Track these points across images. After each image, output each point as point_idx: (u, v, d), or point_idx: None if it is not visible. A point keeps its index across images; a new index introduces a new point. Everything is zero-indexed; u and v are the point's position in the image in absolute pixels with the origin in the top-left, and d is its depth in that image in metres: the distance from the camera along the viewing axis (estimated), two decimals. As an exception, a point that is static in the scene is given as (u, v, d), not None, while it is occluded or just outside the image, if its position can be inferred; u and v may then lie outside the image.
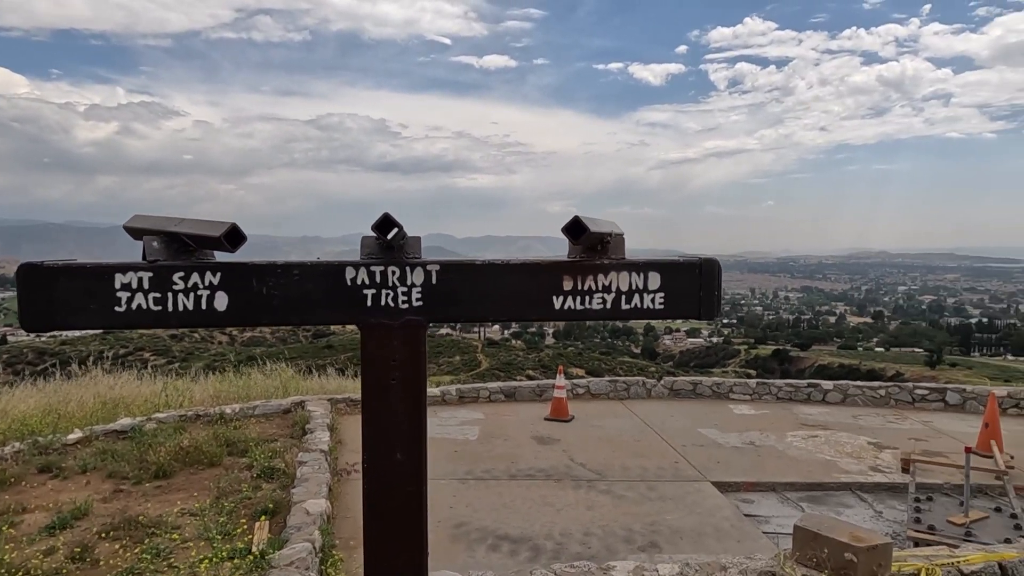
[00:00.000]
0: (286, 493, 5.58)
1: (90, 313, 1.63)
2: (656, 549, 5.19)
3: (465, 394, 10.32)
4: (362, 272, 1.74)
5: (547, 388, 10.30)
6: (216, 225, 1.48)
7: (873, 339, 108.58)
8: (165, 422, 7.85)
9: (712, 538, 5.42)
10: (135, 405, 9.21)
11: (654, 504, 6.12)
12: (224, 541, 4.76)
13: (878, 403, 10.22)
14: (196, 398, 9.96)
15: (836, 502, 6.40)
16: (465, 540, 5.35)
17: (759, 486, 6.70)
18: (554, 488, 6.52)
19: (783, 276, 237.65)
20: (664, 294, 1.78)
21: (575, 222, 1.52)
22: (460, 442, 8.05)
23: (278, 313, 1.74)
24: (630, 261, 1.78)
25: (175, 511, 5.32)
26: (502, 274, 1.78)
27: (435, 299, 1.76)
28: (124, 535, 4.89)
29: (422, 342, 1.75)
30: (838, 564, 3.76)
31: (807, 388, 10.61)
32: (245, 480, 5.98)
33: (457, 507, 6.00)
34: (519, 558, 5.03)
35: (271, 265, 1.72)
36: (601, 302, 1.77)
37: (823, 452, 7.71)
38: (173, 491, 5.86)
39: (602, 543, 5.29)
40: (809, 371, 67.44)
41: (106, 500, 5.65)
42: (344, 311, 1.76)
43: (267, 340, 64.55)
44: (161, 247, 1.60)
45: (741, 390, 10.72)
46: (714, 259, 1.74)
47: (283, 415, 8.60)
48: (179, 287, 1.67)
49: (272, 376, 11.38)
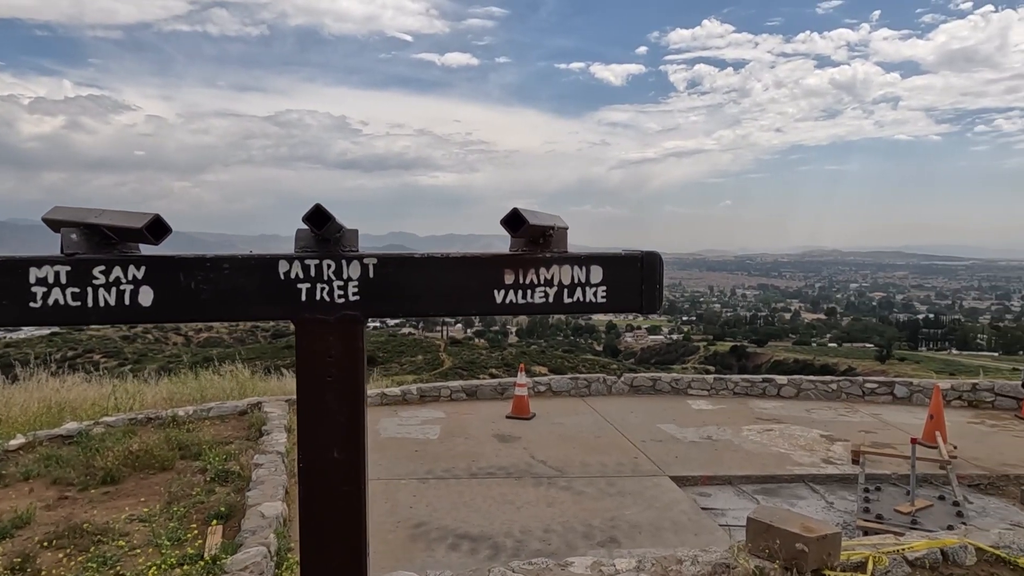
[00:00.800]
0: (241, 496, 5.45)
1: (3, 309, 1.55)
2: (615, 544, 5.23)
3: (426, 393, 10.25)
4: (296, 266, 1.70)
5: (509, 386, 10.30)
6: (138, 216, 1.42)
7: (826, 335, 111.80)
8: (114, 426, 7.61)
9: (670, 532, 5.49)
10: (82, 409, 8.90)
11: (613, 500, 6.17)
12: (174, 547, 4.63)
13: (830, 397, 10.51)
14: (148, 400, 9.67)
15: (790, 494, 6.55)
16: (424, 540, 5.31)
17: (716, 480, 6.81)
18: (515, 486, 6.53)
19: (740, 274, 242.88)
20: (607, 288, 1.78)
21: (514, 214, 1.51)
22: (421, 441, 7.99)
23: (207, 309, 1.69)
24: (572, 255, 1.78)
25: (123, 517, 5.16)
26: (441, 268, 1.76)
27: (373, 293, 1.73)
28: (68, 543, 4.71)
29: (359, 337, 1.71)
30: (789, 554, 3.84)
31: (762, 383, 10.84)
32: (198, 484, 5.84)
33: (417, 507, 5.96)
34: (479, 557, 5.01)
35: (199, 258, 1.67)
36: (543, 296, 1.76)
37: (777, 445, 7.88)
38: (121, 497, 5.68)
39: (562, 539, 5.31)
40: (765, 366, 69.07)
41: (50, 508, 5.44)
42: (278, 306, 1.71)
43: (224, 340, 63.13)
44: (81, 240, 1.53)
45: (699, 386, 10.89)
46: (656, 252, 1.75)
47: (239, 417, 8.41)
48: (100, 281, 1.59)
49: (229, 377, 11.12)
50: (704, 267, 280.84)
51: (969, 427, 8.78)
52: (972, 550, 4.10)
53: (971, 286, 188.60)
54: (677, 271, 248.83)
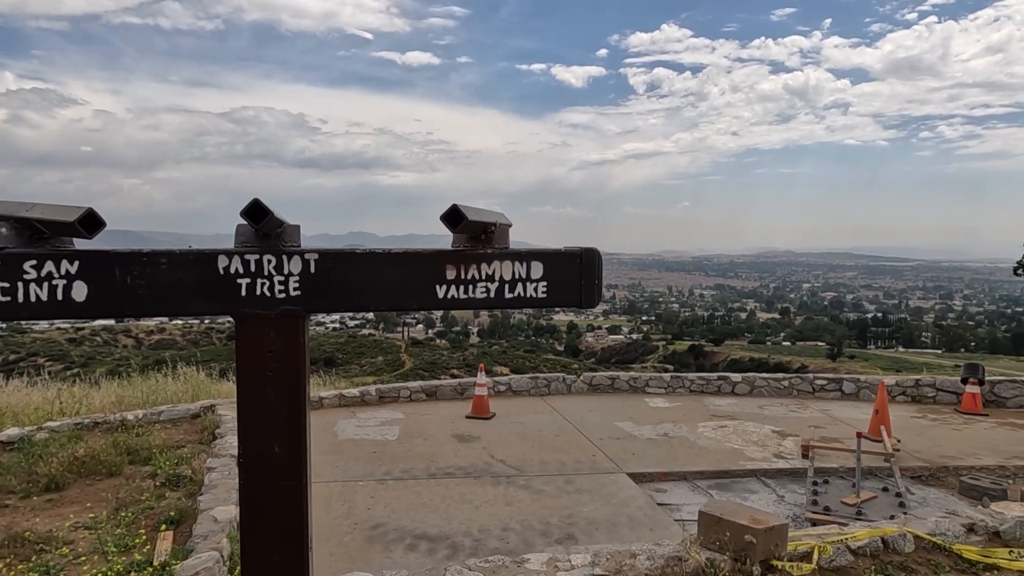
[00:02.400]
0: (192, 501, 5.33)
1: None
2: (572, 541, 5.29)
3: (385, 394, 10.18)
4: (236, 261, 1.68)
5: (469, 386, 10.30)
6: (71, 210, 1.39)
7: (780, 334, 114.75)
8: (58, 431, 7.36)
9: (627, 528, 5.57)
10: (24, 414, 8.57)
11: (571, 497, 6.24)
12: (121, 554, 4.50)
13: (782, 393, 10.80)
14: (96, 405, 9.37)
15: (742, 488, 6.71)
16: (382, 541, 5.28)
17: (671, 476, 6.94)
18: (473, 485, 6.53)
19: (698, 274, 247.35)
20: (547, 283, 1.81)
21: (453, 210, 1.53)
22: (379, 442, 7.93)
23: (144, 304, 1.66)
24: (513, 251, 1.80)
25: (67, 525, 4.99)
26: (383, 263, 1.76)
27: (314, 288, 1.73)
28: (9, 553, 4.55)
29: (301, 332, 1.70)
30: (739, 546, 3.95)
31: (718, 381, 11.08)
32: (148, 489, 5.68)
33: (375, 508, 5.92)
34: (436, 556, 5.01)
35: (136, 253, 1.64)
36: (485, 291, 1.78)
37: (731, 441, 8.06)
38: (66, 504, 5.49)
39: (520, 537, 5.34)
40: (723, 365, 70.52)
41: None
42: (217, 302, 1.70)
43: (178, 343, 61.47)
44: (11, 234, 1.48)
45: (656, 384, 11.07)
46: (594, 249, 1.79)
47: (192, 420, 8.22)
48: (31, 276, 1.54)
49: (181, 380, 10.86)
50: (663, 267, 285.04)
51: (912, 421, 9.13)
52: (911, 538, 4.28)
53: (916, 286, 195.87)
54: (636, 271, 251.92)
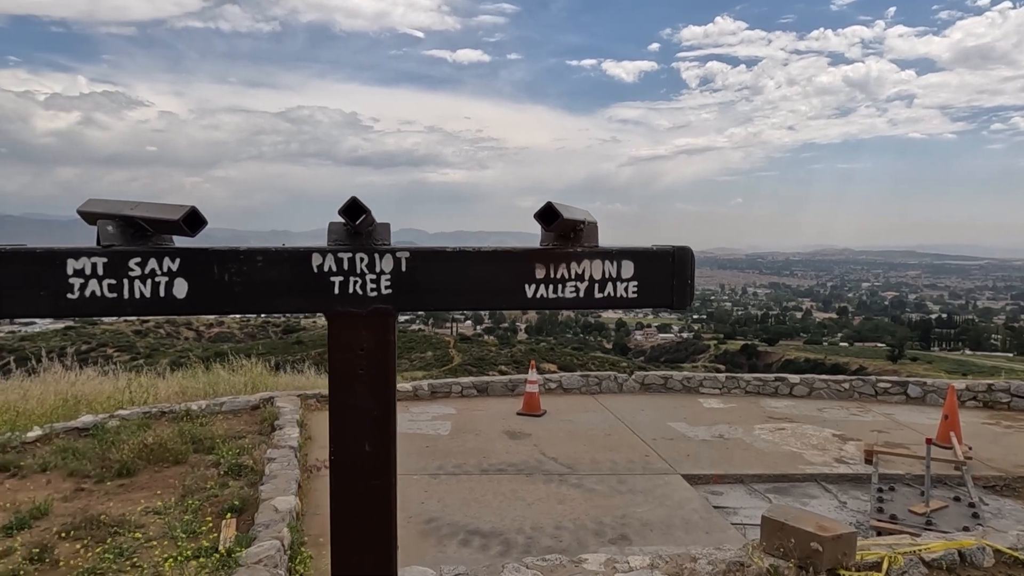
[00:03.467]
0: (254, 490, 5.48)
1: (40, 301, 1.56)
2: (626, 541, 5.23)
3: (437, 389, 10.28)
4: (329, 259, 1.70)
5: (519, 383, 10.31)
6: (174, 208, 1.43)
7: (837, 334, 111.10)
8: (128, 419, 7.66)
9: (681, 530, 5.48)
10: (97, 402, 8.98)
11: (624, 497, 6.17)
12: (189, 540, 4.67)
13: (842, 396, 10.45)
14: (161, 395, 9.74)
15: (802, 493, 6.52)
16: (436, 535, 5.32)
17: (727, 478, 6.79)
18: (525, 482, 6.53)
19: (751, 272, 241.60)
20: (637, 283, 1.77)
21: (548, 208, 1.51)
22: (431, 437, 8.01)
23: (240, 301, 1.69)
24: (603, 249, 1.77)
25: (138, 510, 5.20)
26: (473, 262, 1.75)
27: (404, 287, 1.73)
28: (85, 535, 4.76)
29: (391, 330, 1.71)
30: (804, 553, 3.83)
31: (775, 382, 10.79)
32: (212, 477, 5.87)
33: (428, 502, 5.97)
34: (490, 552, 5.02)
35: (233, 251, 1.67)
36: (574, 291, 1.76)
37: (789, 444, 7.84)
38: (136, 489, 5.72)
39: (573, 536, 5.31)
40: (776, 365, 68.72)
41: (67, 499, 5.50)
42: (310, 299, 1.72)
43: (235, 336, 63.53)
44: (116, 232, 1.54)
45: (711, 384, 10.86)
46: (687, 247, 1.74)
47: (251, 411, 8.46)
48: (136, 273, 1.60)
49: (240, 372, 11.19)
50: (715, 265, 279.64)
51: (984, 428, 8.70)
52: (990, 551, 4.07)
53: (985, 286, 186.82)
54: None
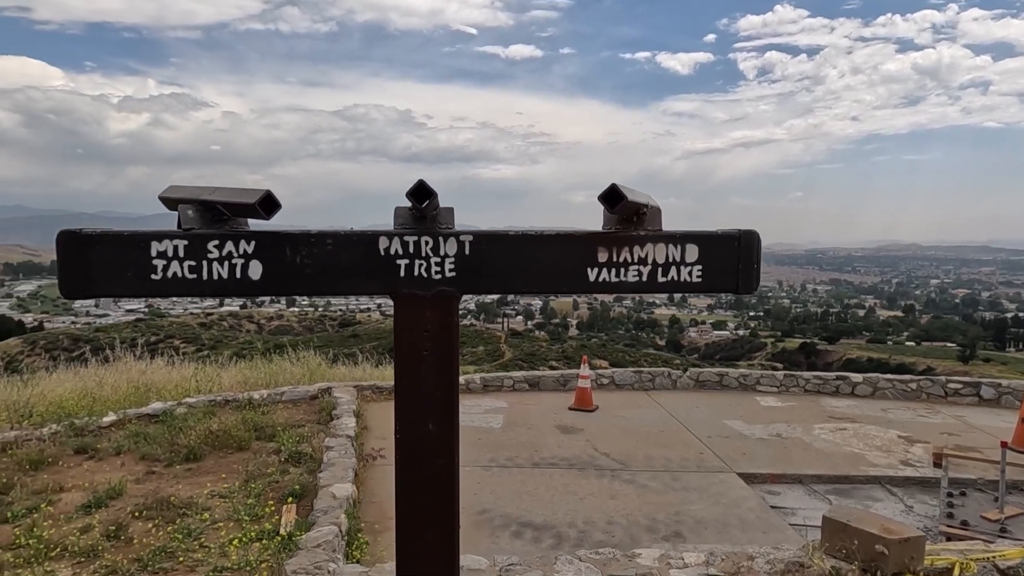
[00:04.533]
0: (313, 477, 5.64)
1: (126, 281, 1.66)
2: (680, 539, 5.16)
3: (489, 383, 10.34)
4: (395, 242, 1.74)
5: (571, 378, 10.28)
6: (251, 192, 1.49)
7: (903, 333, 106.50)
8: (195, 407, 7.99)
9: (737, 529, 5.37)
10: (166, 390, 9.40)
11: (678, 494, 6.09)
12: (252, 522, 4.84)
13: (909, 397, 10.03)
14: (225, 384, 10.12)
15: (864, 495, 6.30)
16: (489, 526, 5.37)
17: (785, 478, 6.62)
18: (577, 477, 6.52)
19: (811, 269, 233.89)
20: (702, 267, 1.74)
21: (612, 190, 1.49)
22: (484, 430, 8.07)
23: (311, 282, 1.74)
24: (667, 233, 1.74)
25: (205, 493, 5.42)
26: (536, 245, 1.76)
27: (468, 270, 1.76)
28: (156, 515, 4.99)
29: (454, 313, 1.74)
30: (868, 556, 3.70)
31: (835, 381, 10.45)
32: (273, 464, 6.07)
33: (481, 494, 6.03)
34: (542, 545, 5.04)
35: (305, 234, 1.73)
36: (637, 274, 1.74)
37: (851, 445, 7.59)
38: (203, 473, 5.96)
39: (626, 532, 5.28)
40: (837, 365, 66.41)
41: (139, 481, 5.77)
42: (377, 281, 1.76)
43: (294, 329, 65.45)
44: (196, 216, 1.62)
45: (768, 382, 10.59)
46: (753, 231, 1.70)
47: (310, 401, 8.69)
48: (214, 255, 1.68)
49: (299, 363, 11.52)
50: (772, 261, 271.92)
51: (1065, 432, 8.21)
52: (1071, 561, 3.85)
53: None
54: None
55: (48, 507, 5.13)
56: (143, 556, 4.35)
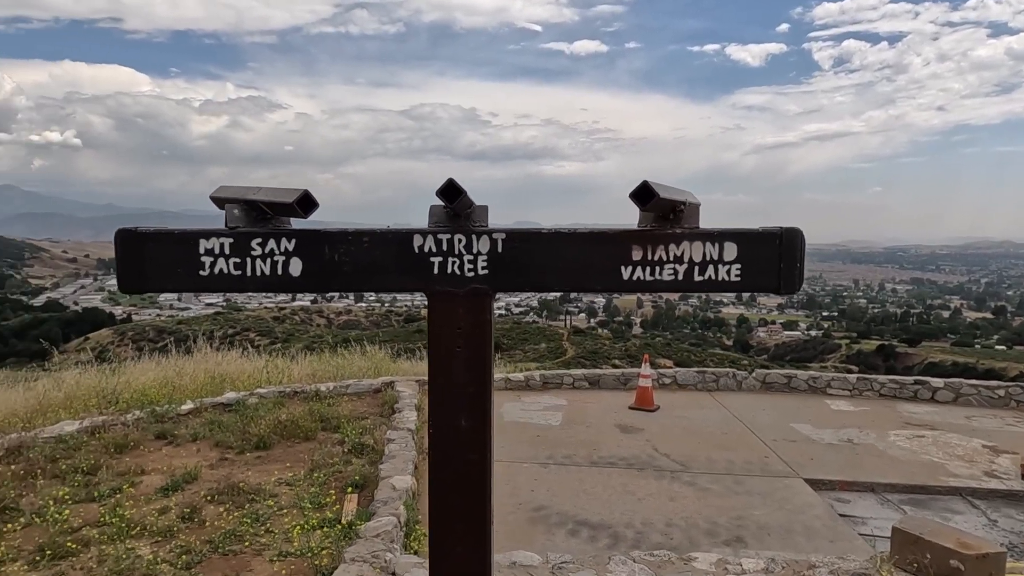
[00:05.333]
0: (374, 468, 5.78)
1: (177, 277, 1.76)
2: (741, 544, 5.03)
3: (549, 380, 10.34)
4: (429, 240, 1.77)
5: (632, 377, 10.16)
6: (289, 192, 1.56)
7: (993, 336, 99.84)
8: (266, 397, 8.32)
9: (802, 536, 5.19)
10: (239, 380, 9.82)
11: (740, 498, 5.93)
12: (315, 510, 5.01)
13: (996, 404, 9.42)
14: (294, 376, 10.49)
15: (943, 507, 5.96)
16: (544, 523, 5.38)
17: (856, 485, 6.34)
18: (636, 477, 6.44)
19: (890, 267, 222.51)
20: (741, 265, 1.70)
21: (643, 187, 1.47)
22: (542, 427, 8.08)
23: (348, 279, 1.80)
24: (704, 230, 1.71)
25: (272, 480, 5.64)
26: (568, 243, 1.76)
27: (501, 267, 1.77)
28: (228, 500, 5.23)
29: (488, 310, 1.76)
30: (942, 571, 3.51)
31: (914, 385, 9.92)
32: (337, 454, 6.26)
33: (538, 491, 6.04)
34: (598, 544, 5.00)
35: (342, 232, 1.78)
36: (672, 273, 1.71)
37: (929, 453, 7.19)
38: (271, 461, 6.21)
39: (684, 534, 5.18)
40: (917, 368, 62.87)
41: (213, 467, 6.06)
42: (411, 278, 1.79)
43: (361, 323, 67.25)
44: (241, 214, 1.70)
45: (840, 385, 10.16)
46: (796, 228, 1.63)
47: (374, 394, 8.92)
48: (257, 253, 1.76)
49: (365, 357, 11.82)
50: (848, 259, 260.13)
51: None
52: None
53: None
54: (817, 263, 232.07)
55: (130, 488, 5.46)
56: (214, 538, 4.57)
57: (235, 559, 4.37)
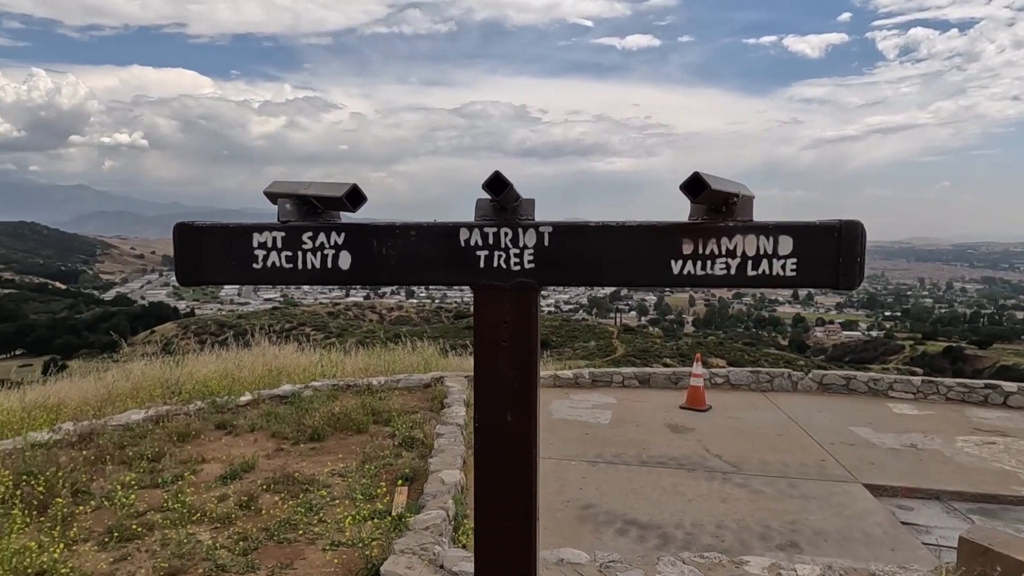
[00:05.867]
0: (424, 462, 5.85)
1: (232, 270, 1.81)
2: (796, 549, 4.88)
3: (598, 378, 10.27)
4: (475, 233, 1.76)
5: (683, 376, 9.99)
6: (338, 186, 1.58)
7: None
8: (320, 390, 8.52)
9: (861, 543, 5.00)
10: (295, 373, 10.09)
11: (795, 502, 5.76)
12: (366, 502, 5.10)
13: (1075, 410, 8.88)
14: (348, 370, 10.71)
15: (1015, 518, 5.66)
16: (593, 522, 5.34)
17: (919, 492, 6.08)
18: (686, 477, 6.33)
19: (959, 265, 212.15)
20: (796, 260, 1.61)
21: (694, 178, 1.42)
22: (591, 425, 8.03)
23: (395, 272, 1.80)
24: (758, 223, 1.64)
25: (326, 471, 5.77)
26: (616, 236, 1.71)
27: (547, 261, 1.74)
28: (283, 489, 5.38)
29: (533, 304, 1.74)
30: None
31: (984, 389, 9.44)
32: (387, 447, 6.36)
33: (586, 489, 6.01)
34: (647, 544, 4.94)
35: (390, 226, 1.80)
36: (724, 267, 1.65)
37: (1001, 461, 6.84)
38: (325, 453, 6.35)
39: (736, 537, 5.07)
40: (988, 372, 59.79)
41: (269, 457, 6.24)
42: (457, 272, 1.79)
43: (412, 319, 68.23)
44: (293, 209, 1.74)
45: (903, 388, 9.76)
46: (857, 221, 1.55)
47: (424, 389, 9.02)
48: (308, 246, 1.79)
49: (415, 353, 11.97)
50: (913, 256, 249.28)
51: None
52: None
53: None
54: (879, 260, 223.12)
55: (191, 476, 5.67)
56: (270, 526, 4.71)
57: (289, 547, 4.49)
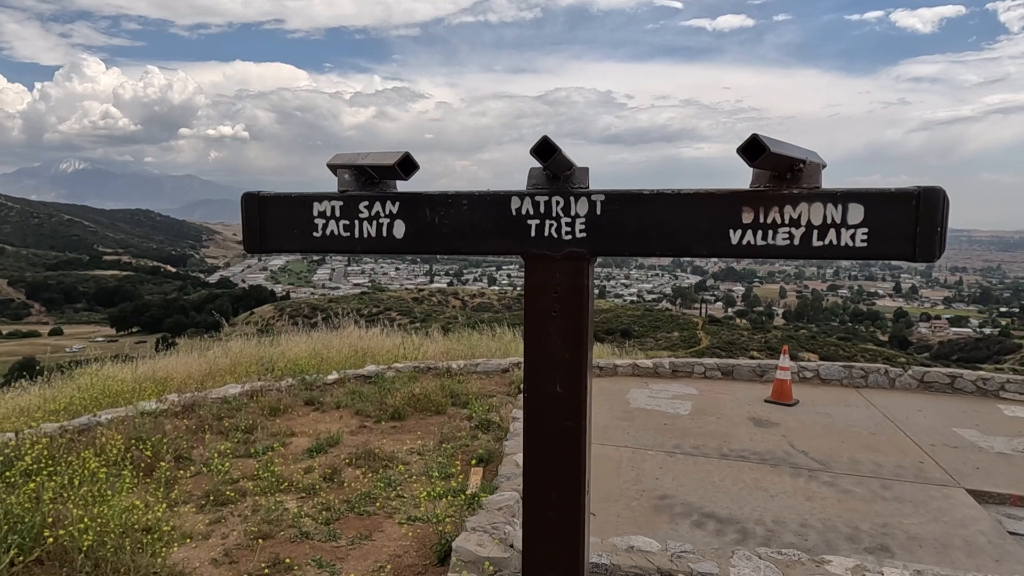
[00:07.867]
0: (499, 445, 5.93)
1: (293, 238, 1.88)
2: (886, 553, 4.61)
3: (679, 368, 10.03)
4: (527, 202, 1.73)
5: (769, 369, 9.61)
6: (391, 155, 1.61)
7: None
8: (402, 371, 8.80)
9: (961, 552, 4.66)
10: (379, 355, 10.46)
11: (888, 504, 5.43)
12: (442, 480, 5.23)
13: None
14: (429, 353, 11.00)
15: None
16: (668, 512, 5.24)
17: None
18: (769, 473, 6.10)
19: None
20: (867, 229, 1.49)
21: (752, 140, 1.33)
22: (670, 415, 7.87)
23: (447, 241, 1.81)
24: (825, 190, 1.52)
25: (405, 449, 5.97)
26: (672, 205, 1.64)
27: (599, 231, 1.70)
28: (364, 464, 5.61)
29: (585, 275, 1.70)
30: None
31: (1114, 392, 8.56)
32: (464, 429, 6.49)
33: (663, 479, 5.90)
34: (725, 538, 4.80)
35: (443, 195, 1.80)
36: (787, 237, 1.54)
37: None
38: (404, 432, 6.56)
39: (821, 537, 4.84)
40: (1124, 376, 54.13)
41: (353, 433, 6.52)
42: (509, 241, 1.77)
43: (494, 306, 69.05)
44: (351, 179, 1.79)
45: (1017, 388, 8.98)
46: (938, 187, 1.40)
47: (502, 374, 9.13)
48: (364, 215, 1.83)
49: (495, 339, 12.13)
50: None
51: None
52: None
53: None
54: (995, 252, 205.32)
55: (281, 448, 6.00)
56: (351, 498, 4.92)
57: (368, 519, 4.67)
